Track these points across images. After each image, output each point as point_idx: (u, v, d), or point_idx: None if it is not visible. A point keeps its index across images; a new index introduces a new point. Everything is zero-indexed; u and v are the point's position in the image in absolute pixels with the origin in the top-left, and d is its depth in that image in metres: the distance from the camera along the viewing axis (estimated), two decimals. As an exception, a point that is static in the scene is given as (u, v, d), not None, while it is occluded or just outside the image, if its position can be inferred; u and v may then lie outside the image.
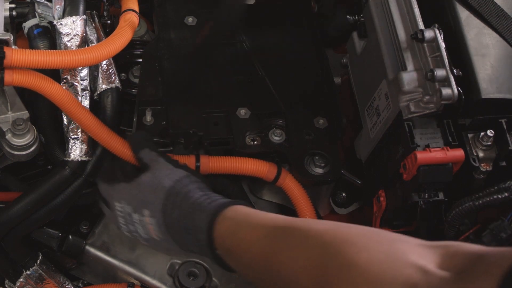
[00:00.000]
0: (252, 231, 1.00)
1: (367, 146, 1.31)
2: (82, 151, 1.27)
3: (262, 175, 1.31)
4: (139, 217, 1.16)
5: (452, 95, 1.11)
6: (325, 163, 1.31)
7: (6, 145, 1.22)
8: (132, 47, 1.41)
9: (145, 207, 1.15)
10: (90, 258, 1.40)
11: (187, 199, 1.11)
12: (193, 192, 1.12)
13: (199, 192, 1.12)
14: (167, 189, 1.13)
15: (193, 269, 1.38)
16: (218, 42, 1.40)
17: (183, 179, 1.14)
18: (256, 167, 1.29)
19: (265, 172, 1.30)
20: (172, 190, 1.13)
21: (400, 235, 0.86)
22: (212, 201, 1.08)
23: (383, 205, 1.27)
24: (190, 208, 1.09)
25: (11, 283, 1.38)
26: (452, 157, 1.14)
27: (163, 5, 1.44)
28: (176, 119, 1.28)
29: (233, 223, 1.04)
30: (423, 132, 1.18)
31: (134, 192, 1.17)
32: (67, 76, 1.27)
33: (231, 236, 1.02)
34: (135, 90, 1.37)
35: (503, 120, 1.18)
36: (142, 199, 1.16)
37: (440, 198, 1.18)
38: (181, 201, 1.11)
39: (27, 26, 1.32)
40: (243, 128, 1.30)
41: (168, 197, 1.12)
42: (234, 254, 1.02)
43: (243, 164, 1.29)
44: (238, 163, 1.29)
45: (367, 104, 1.30)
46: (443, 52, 1.14)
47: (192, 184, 1.14)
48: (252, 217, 1.03)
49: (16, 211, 1.27)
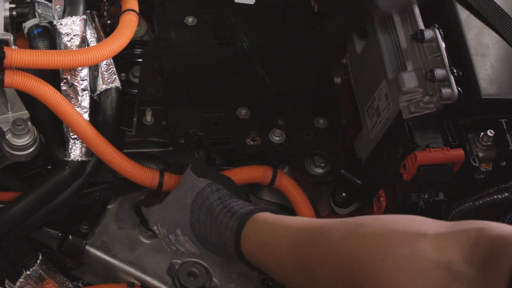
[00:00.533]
0: (277, 241, 1.00)
1: (367, 146, 1.31)
2: (82, 151, 1.27)
3: (257, 180, 1.31)
4: (174, 237, 1.19)
5: (452, 95, 1.11)
6: (325, 163, 1.31)
7: (6, 145, 1.22)
8: (132, 47, 1.40)
9: (177, 226, 1.18)
10: (90, 258, 1.40)
11: (211, 214, 1.12)
12: (215, 206, 1.13)
13: (220, 204, 1.12)
14: (190, 206, 1.15)
15: (193, 269, 1.38)
16: (218, 42, 1.40)
17: (204, 190, 1.15)
18: (251, 174, 1.30)
19: (260, 177, 1.31)
20: (194, 206, 1.15)
21: (420, 221, 0.86)
22: (232, 214, 1.09)
23: (383, 205, 1.27)
24: (214, 224, 1.11)
25: (11, 283, 1.37)
26: (452, 157, 1.14)
27: (163, 5, 1.44)
28: (176, 119, 1.28)
29: (256, 237, 1.05)
30: (423, 132, 1.18)
31: (165, 214, 1.21)
32: (67, 76, 1.27)
33: (258, 247, 1.04)
34: (135, 90, 1.37)
35: (503, 120, 1.18)
36: (172, 220, 1.19)
37: (440, 198, 1.18)
38: (205, 216, 1.13)
39: (27, 26, 1.31)
40: (243, 128, 1.30)
41: (192, 214, 1.15)
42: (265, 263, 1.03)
43: (237, 174, 1.30)
44: (232, 174, 1.29)
45: (367, 104, 1.30)
46: (443, 52, 1.14)
47: (213, 194, 1.15)
48: (275, 225, 1.03)
49: (16, 211, 1.27)
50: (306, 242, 0.95)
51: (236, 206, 1.11)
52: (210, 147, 1.30)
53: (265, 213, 1.07)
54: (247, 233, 1.06)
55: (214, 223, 1.11)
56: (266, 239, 1.03)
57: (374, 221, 0.89)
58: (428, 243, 0.81)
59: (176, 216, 1.18)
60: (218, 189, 1.15)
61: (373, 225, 0.88)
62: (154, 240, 1.41)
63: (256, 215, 1.07)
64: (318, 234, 0.94)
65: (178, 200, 1.18)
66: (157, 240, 1.42)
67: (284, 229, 1.01)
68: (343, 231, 0.91)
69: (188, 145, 1.29)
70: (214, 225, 1.11)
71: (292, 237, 0.98)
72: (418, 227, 0.84)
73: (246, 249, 1.06)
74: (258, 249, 1.04)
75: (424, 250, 0.80)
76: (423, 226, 0.84)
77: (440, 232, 0.82)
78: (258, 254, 1.04)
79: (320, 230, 0.95)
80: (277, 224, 1.03)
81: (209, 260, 1.40)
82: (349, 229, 0.90)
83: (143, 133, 1.29)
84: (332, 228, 0.93)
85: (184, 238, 1.17)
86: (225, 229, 1.09)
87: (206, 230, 1.13)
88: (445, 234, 0.81)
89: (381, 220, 0.89)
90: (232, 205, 1.12)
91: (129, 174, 1.27)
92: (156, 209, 1.23)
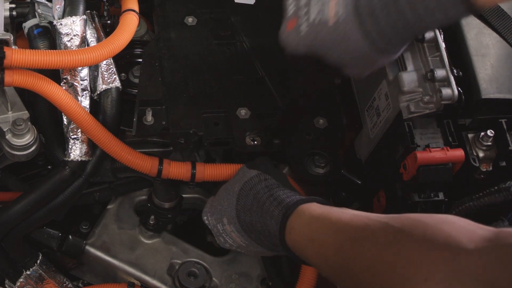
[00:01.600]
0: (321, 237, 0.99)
1: (367, 146, 1.31)
2: (82, 151, 1.27)
3: None
4: (222, 227, 1.19)
5: (452, 95, 1.11)
6: (325, 163, 1.30)
7: (6, 145, 1.22)
8: (132, 47, 1.40)
9: (223, 215, 1.18)
10: (90, 258, 1.40)
11: (257, 201, 1.12)
12: (261, 194, 1.12)
13: (267, 192, 1.12)
14: (237, 193, 1.15)
15: (193, 269, 1.38)
16: (218, 42, 1.40)
17: (252, 179, 1.16)
18: None
19: None
20: (241, 193, 1.15)
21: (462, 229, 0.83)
22: (278, 203, 1.08)
23: (383, 205, 1.27)
24: (260, 212, 1.10)
25: (11, 283, 1.37)
26: (452, 157, 1.14)
27: (163, 5, 1.44)
28: (176, 119, 1.28)
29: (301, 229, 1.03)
30: (423, 132, 1.18)
31: (215, 203, 1.21)
32: (67, 76, 1.27)
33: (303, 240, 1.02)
34: (135, 90, 1.37)
35: (503, 120, 1.18)
36: (220, 209, 1.19)
37: (440, 198, 1.18)
38: (251, 204, 1.12)
39: (27, 26, 1.32)
40: (243, 128, 1.30)
41: (238, 201, 1.14)
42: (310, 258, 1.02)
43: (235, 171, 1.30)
44: (233, 170, 1.29)
45: (367, 104, 1.30)
46: (443, 52, 1.14)
47: (260, 183, 1.14)
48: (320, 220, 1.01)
49: (16, 211, 1.27)
50: (350, 247, 0.93)
51: (282, 195, 1.10)
52: (210, 147, 1.30)
53: (312, 204, 1.06)
54: (292, 225, 1.04)
55: (260, 210, 1.10)
56: (310, 234, 1.01)
57: (415, 226, 0.87)
58: (470, 260, 0.79)
59: (224, 204, 1.18)
60: (266, 179, 1.15)
61: (414, 233, 0.86)
62: (154, 240, 1.42)
63: (302, 207, 1.05)
64: (361, 239, 0.92)
65: (227, 190, 1.19)
66: (157, 240, 1.42)
67: (328, 225, 0.99)
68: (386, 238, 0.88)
69: (188, 145, 1.30)
70: (260, 212, 1.10)
71: (336, 235, 0.96)
72: (459, 239, 0.81)
73: (290, 241, 1.04)
74: (303, 243, 1.03)
75: (466, 268, 0.78)
76: (465, 237, 0.81)
77: (482, 247, 0.79)
78: (302, 247, 1.03)
79: (364, 232, 0.92)
80: (322, 219, 1.01)
81: (209, 260, 1.40)
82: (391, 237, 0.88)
83: (143, 133, 1.29)
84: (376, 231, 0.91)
85: (230, 227, 1.17)
86: (271, 217, 1.08)
87: (252, 217, 1.12)
88: (487, 250, 0.79)
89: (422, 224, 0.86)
90: (279, 193, 1.11)
91: (129, 161, 1.27)
92: (210, 200, 1.25)
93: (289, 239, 1.05)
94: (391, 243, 0.87)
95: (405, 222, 0.89)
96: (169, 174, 1.29)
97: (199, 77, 1.35)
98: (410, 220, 0.89)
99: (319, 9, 1.01)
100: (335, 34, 1.00)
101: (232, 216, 1.16)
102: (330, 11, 1.00)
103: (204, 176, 1.29)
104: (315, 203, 1.07)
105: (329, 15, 1.00)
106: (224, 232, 1.19)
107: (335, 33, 1.00)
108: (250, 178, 1.16)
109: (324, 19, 1.01)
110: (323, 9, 1.01)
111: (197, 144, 1.31)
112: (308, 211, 1.05)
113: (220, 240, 1.23)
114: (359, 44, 0.99)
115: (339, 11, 0.99)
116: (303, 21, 1.04)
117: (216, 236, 1.23)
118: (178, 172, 1.29)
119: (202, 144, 1.29)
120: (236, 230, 1.16)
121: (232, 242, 1.20)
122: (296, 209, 1.06)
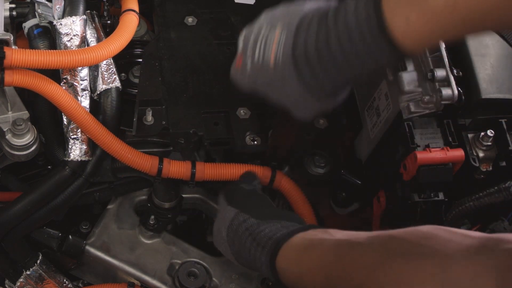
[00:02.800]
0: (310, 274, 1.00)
1: (367, 146, 1.31)
2: (82, 151, 1.27)
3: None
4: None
5: (452, 95, 1.11)
6: (325, 163, 1.31)
7: (6, 145, 1.22)
8: (132, 47, 1.40)
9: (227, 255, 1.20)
10: (90, 258, 1.40)
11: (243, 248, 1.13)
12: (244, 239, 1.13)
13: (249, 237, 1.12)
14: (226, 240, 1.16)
15: (193, 269, 1.38)
16: (218, 42, 1.40)
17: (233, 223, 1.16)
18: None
19: (259, 177, 1.31)
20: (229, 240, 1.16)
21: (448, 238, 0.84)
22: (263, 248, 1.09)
23: (383, 205, 1.27)
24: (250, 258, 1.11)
25: (11, 283, 1.37)
26: (452, 157, 1.14)
27: (163, 5, 1.44)
28: (176, 119, 1.28)
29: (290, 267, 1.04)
30: (423, 132, 1.18)
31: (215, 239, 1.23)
32: (67, 76, 1.27)
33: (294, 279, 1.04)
34: (135, 90, 1.37)
35: (503, 120, 1.18)
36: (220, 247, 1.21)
37: (440, 198, 1.18)
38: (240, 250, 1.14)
39: (27, 26, 1.32)
40: (243, 128, 1.30)
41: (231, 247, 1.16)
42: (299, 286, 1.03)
43: (237, 170, 1.30)
44: (232, 170, 1.29)
45: (367, 104, 1.30)
46: (443, 52, 1.14)
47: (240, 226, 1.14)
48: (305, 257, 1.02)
49: (16, 211, 1.27)
50: (340, 274, 0.94)
51: (264, 237, 1.10)
52: (210, 147, 1.30)
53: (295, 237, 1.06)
54: (281, 267, 1.06)
55: (249, 257, 1.11)
56: (299, 271, 1.03)
57: (400, 244, 0.87)
58: (458, 270, 0.79)
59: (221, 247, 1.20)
60: (245, 220, 1.14)
61: (399, 252, 0.86)
62: (154, 240, 1.42)
63: (286, 245, 1.06)
64: (350, 263, 0.93)
65: (219, 231, 1.20)
66: (157, 240, 1.42)
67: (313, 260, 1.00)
68: (373, 259, 0.89)
69: (188, 145, 1.30)
70: (250, 258, 1.12)
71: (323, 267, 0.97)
72: (445, 252, 0.82)
73: (285, 280, 1.06)
74: (294, 281, 1.04)
75: (456, 279, 0.79)
76: (450, 249, 0.82)
77: (469, 256, 0.80)
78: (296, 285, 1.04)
79: (351, 256, 0.93)
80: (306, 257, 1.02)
81: (209, 260, 1.40)
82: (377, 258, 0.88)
83: (143, 133, 1.29)
84: (362, 254, 0.91)
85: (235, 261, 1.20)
86: (260, 264, 1.09)
87: (245, 261, 1.14)
88: (474, 258, 0.79)
89: (406, 242, 0.87)
90: (261, 235, 1.11)
91: (129, 160, 1.27)
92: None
93: (284, 279, 1.06)
94: (378, 265, 0.87)
95: (388, 243, 0.89)
96: (169, 173, 1.29)
97: (199, 77, 1.35)
98: (394, 240, 0.89)
99: (262, 50, 1.01)
100: (274, 77, 1.00)
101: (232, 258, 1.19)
102: (271, 53, 0.99)
103: (204, 175, 1.29)
104: (300, 234, 1.06)
105: (270, 57, 1.00)
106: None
107: (274, 76, 1.00)
108: (231, 222, 1.16)
109: (266, 61, 1.00)
110: (265, 51, 1.01)
111: (197, 144, 1.30)
112: (293, 247, 1.05)
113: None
114: (295, 89, 0.98)
115: (277, 55, 0.98)
116: (248, 61, 1.04)
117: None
118: (178, 171, 1.29)
119: (202, 144, 1.29)
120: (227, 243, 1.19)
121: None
122: (281, 249, 1.06)
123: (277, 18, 1.02)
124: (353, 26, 0.90)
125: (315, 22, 0.95)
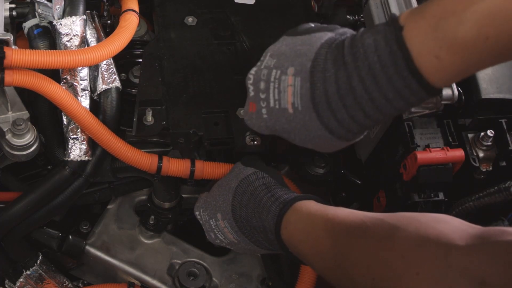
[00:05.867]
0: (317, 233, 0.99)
1: (367, 146, 1.31)
2: (81, 151, 1.27)
3: None
4: (215, 222, 1.19)
5: (452, 95, 1.11)
6: (325, 163, 1.30)
7: (6, 145, 1.22)
8: (132, 47, 1.40)
9: (218, 210, 1.18)
10: (90, 258, 1.40)
11: (254, 198, 1.12)
12: (259, 190, 1.13)
13: (265, 189, 1.12)
14: (234, 190, 1.15)
15: (193, 269, 1.38)
16: (218, 42, 1.40)
17: (249, 176, 1.16)
18: None
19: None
20: (238, 189, 1.15)
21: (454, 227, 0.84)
22: (276, 199, 1.09)
23: (383, 205, 1.27)
24: (256, 207, 1.11)
25: (11, 283, 1.37)
26: (452, 157, 1.14)
27: (163, 5, 1.44)
28: (176, 119, 1.28)
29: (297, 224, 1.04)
30: (423, 132, 1.18)
31: (209, 198, 1.21)
32: (67, 76, 1.27)
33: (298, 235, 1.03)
34: (135, 90, 1.37)
35: (503, 120, 1.18)
36: (214, 204, 1.19)
37: (440, 198, 1.18)
38: (247, 200, 1.13)
39: (27, 26, 1.32)
40: (243, 128, 1.30)
41: (235, 197, 1.15)
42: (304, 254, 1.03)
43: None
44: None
45: (367, 104, 1.30)
46: (443, 52, 1.14)
47: (258, 180, 1.15)
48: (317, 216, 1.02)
49: (16, 211, 1.27)
50: (345, 242, 0.94)
51: (280, 192, 1.11)
52: (210, 147, 1.30)
53: (309, 201, 1.07)
54: (289, 220, 1.05)
55: (257, 206, 1.10)
56: (306, 229, 1.02)
57: (409, 223, 0.87)
58: (461, 257, 0.80)
59: (219, 200, 1.18)
60: (264, 177, 1.16)
61: (408, 230, 0.87)
62: (154, 240, 1.42)
63: (299, 203, 1.06)
64: (356, 235, 0.93)
65: (223, 186, 1.19)
66: (157, 240, 1.42)
67: (324, 221, 1.00)
68: (380, 234, 0.90)
69: (188, 145, 1.30)
70: (256, 208, 1.10)
71: (331, 232, 0.97)
72: (451, 236, 0.82)
73: (286, 236, 1.05)
74: (298, 238, 1.03)
75: (457, 265, 0.79)
76: (457, 235, 0.82)
77: (472, 244, 0.81)
78: (297, 243, 1.03)
79: (360, 227, 0.93)
80: (318, 215, 1.02)
81: (209, 260, 1.40)
82: (385, 232, 0.89)
83: (143, 133, 1.29)
84: (371, 227, 0.92)
85: (224, 222, 1.17)
86: (267, 212, 1.08)
87: (248, 213, 1.12)
88: (478, 247, 0.80)
89: (416, 222, 0.87)
90: (276, 190, 1.12)
91: (128, 158, 1.27)
92: (203, 195, 1.25)
93: (285, 234, 1.05)
94: (385, 238, 0.88)
95: (400, 219, 0.90)
96: (169, 171, 1.29)
97: (199, 77, 1.35)
98: (405, 218, 0.90)
99: (277, 96, 1.01)
100: (294, 122, 0.99)
101: (227, 211, 1.16)
102: (287, 99, 0.99)
103: (203, 173, 1.29)
104: (312, 201, 1.07)
105: (287, 103, 0.99)
106: (217, 227, 1.19)
107: (294, 122, 0.99)
108: (248, 176, 1.17)
109: (283, 107, 1.00)
110: (281, 97, 1.00)
111: (197, 144, 1.30)
112: (305, 207, 1.05)
113: (210, 236, 1.22)
114: (319, 133, 0.97)
115: (295, 101, 0.97)
116: (263, 106, 1.04)
117: (207, 231, 1.23)
118: (178, 169, 1.29)
119: (202, 144, 1.29)
120: (230, 226, 1.16)
121: (223, 238, 1.20)
122: (293, 205, 1.07)
123: (286, 59, 1.01)
124: (377, 68, 0.87)
125: (330, 64, 0.93)
